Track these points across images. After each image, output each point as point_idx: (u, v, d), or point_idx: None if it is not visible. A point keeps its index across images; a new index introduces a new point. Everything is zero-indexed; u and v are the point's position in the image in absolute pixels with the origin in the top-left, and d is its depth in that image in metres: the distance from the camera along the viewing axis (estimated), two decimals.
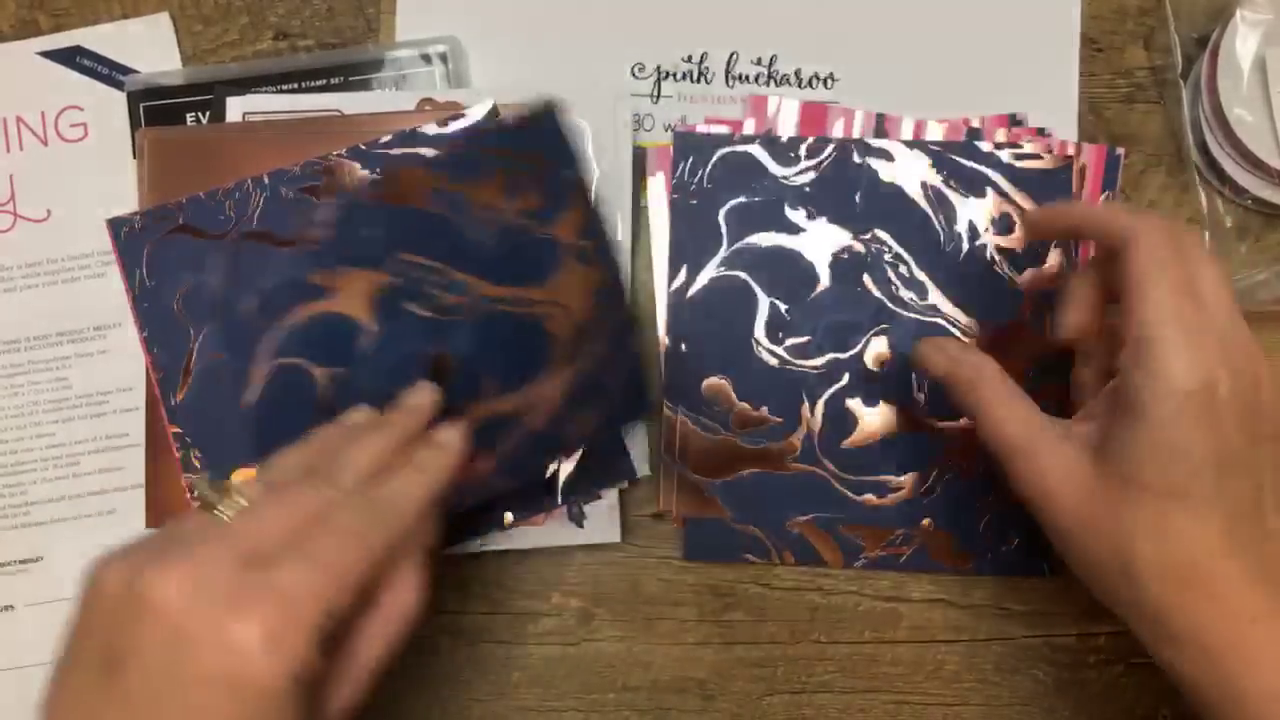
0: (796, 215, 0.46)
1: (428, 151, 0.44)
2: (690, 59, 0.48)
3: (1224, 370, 0.32)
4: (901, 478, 0.45)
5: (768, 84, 0.48)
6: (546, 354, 0.43)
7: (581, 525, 0.45)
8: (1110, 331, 0.38)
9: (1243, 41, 0.45)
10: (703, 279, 0.46)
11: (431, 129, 0.45)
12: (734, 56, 0.48)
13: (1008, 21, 0.48)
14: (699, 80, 0.48)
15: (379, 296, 0.43)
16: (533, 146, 0.43)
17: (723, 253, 0.45)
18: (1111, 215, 0.35)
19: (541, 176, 0.43)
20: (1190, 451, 0.32)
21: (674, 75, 0.48)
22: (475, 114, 0.45)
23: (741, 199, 0.46)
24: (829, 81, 0.48)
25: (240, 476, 0.42)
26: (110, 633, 0.30)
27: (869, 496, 0.45)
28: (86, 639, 0.30)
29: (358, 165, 0.44)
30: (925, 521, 0.45)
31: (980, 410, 0.37)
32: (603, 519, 0.45)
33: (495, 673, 0.46)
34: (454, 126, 0.45)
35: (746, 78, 0.48)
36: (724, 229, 0.46)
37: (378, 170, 0.44)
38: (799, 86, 0.48)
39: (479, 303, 0.43)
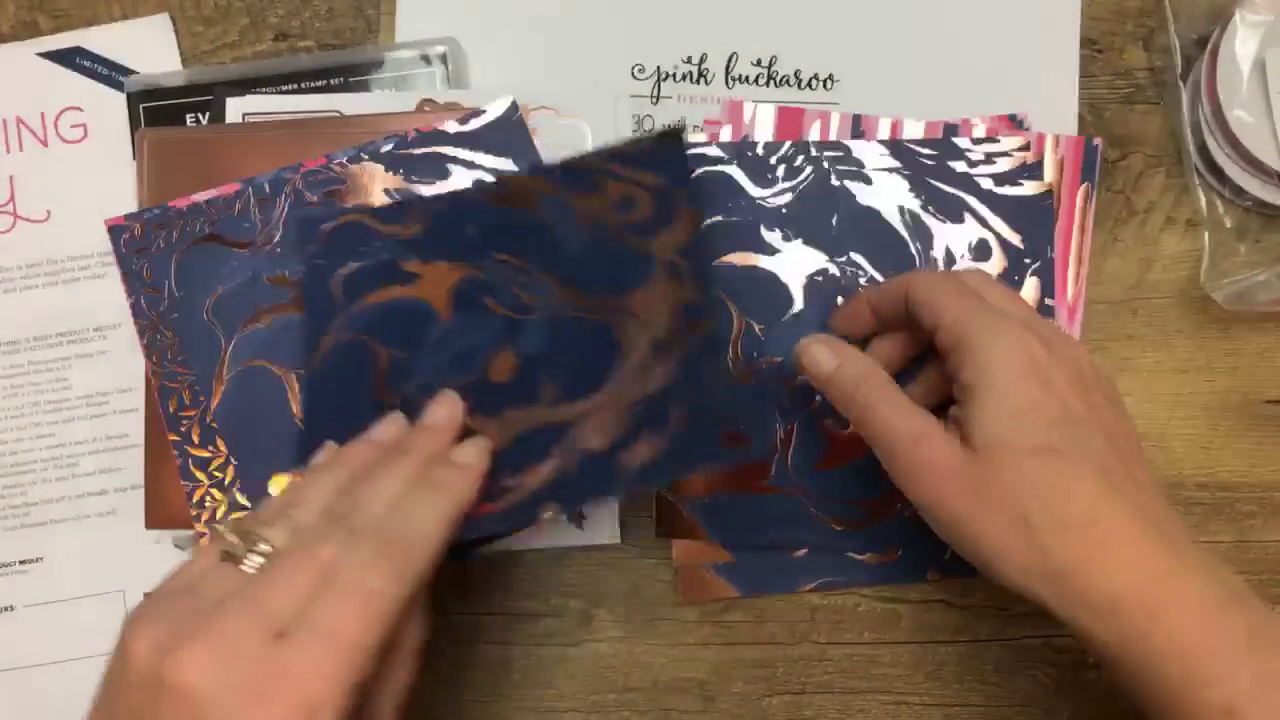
0: (773, 236, 0.45)
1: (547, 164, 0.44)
2: (690, 60, 0.48)
3: (1037, 342, 0.36)
4: (866, 506, 0.45)
5: (767, 85, 0.48)
6: (610, 364, 0.42)
7: (581, 526, 0.45)
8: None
9: (1242, 43, 0.45)
10: None
11: (453, 127, 0.45)
12: (734, 57, 0.48)
13: (1007, 23, 0.48)
14: (699, 81, 0.48)
15: (460, 288, 0.43)
16: (651, 168, 0.43)
17: None
18: (888, 291, 0.40)
19: (653, 195, 0.43)
20: (1038, 408, 0.35)
21: (674, 76, 0.48)
22: (496, 109, 0.45)
23: (718, 218, 0.45)
24: (829, 82, 0.48)
25: (276, 485, 0.43)
26: (134, 708, 0.30)
27: (835, 521, 0.45)
28: (110, 712, 0.31)
29: (382, 167, 0.45)
30: (890, 550, 0.45)
31: (868, 406, 0.37)
32: (602, 519, 0.45)
33: (495, 673, 0.46)
34: (474, 124, 0.45)
35: (746, 79, 0.48)
36: None
37: (498, 176, 0.45)
38: (799, 87, 0.48)
39: (554, 305, 0.43)
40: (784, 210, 0.45)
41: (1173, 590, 0.32)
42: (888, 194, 0.46)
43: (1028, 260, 0.46)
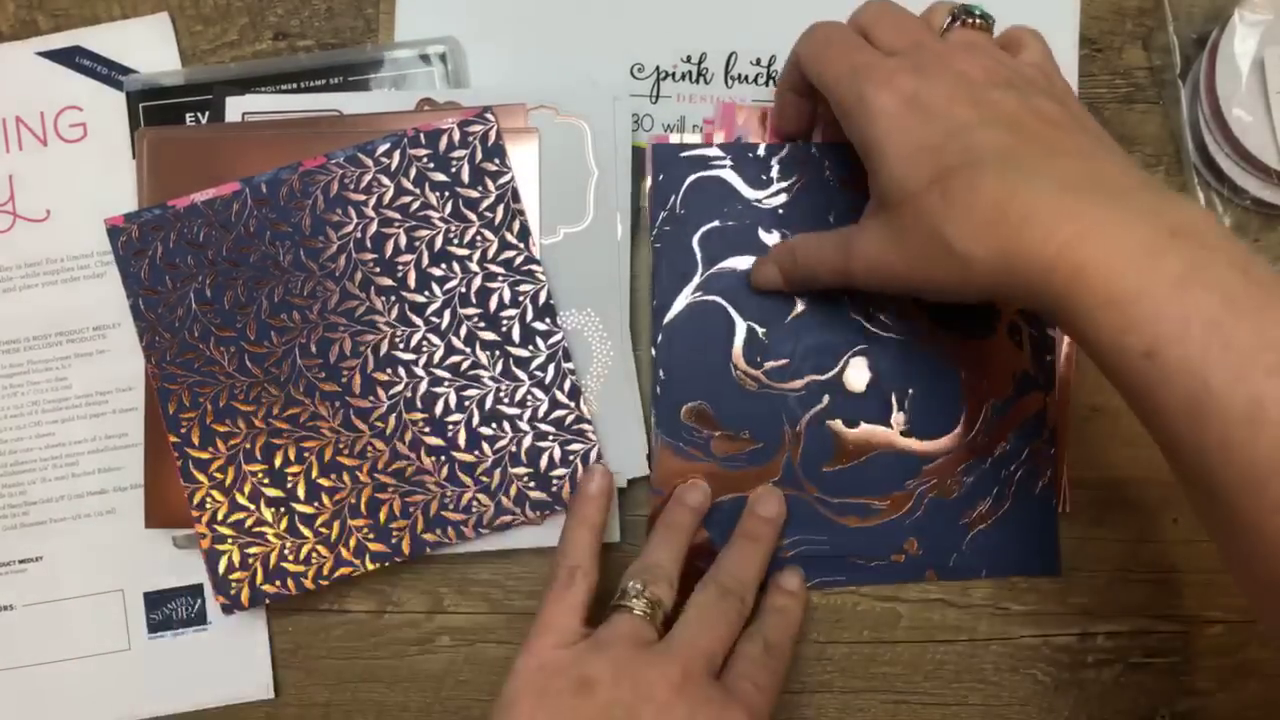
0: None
1: None
2: (689, 59, 0.48)
3: (905, 74, 0.35)
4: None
5: (767, 84, 0.48)
6: (956, 413, 0.44)
7: None
8: None
9: (1241, 42, 0.45)
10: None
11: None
12: (733, 57, 0.48)
13: (1007, 22, 0.48)
14: (698, 80, 0.48)
15: None
16: None
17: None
18: (791, 69, 0.41)
19: None
20: (920, 146, 0.34)
21: (673, 76, 0.48)
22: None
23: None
24: None
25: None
26: (608, 710, 0.36)
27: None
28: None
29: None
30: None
31: (807, 267, 0.41)
32: None
33: (495, 673, 0.46)
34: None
35: (745, 78, 0.48)
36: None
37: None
38: None
39: (909, 330, 0.44)
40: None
41: (1103, 242, 0.30)
42: None
43: None
